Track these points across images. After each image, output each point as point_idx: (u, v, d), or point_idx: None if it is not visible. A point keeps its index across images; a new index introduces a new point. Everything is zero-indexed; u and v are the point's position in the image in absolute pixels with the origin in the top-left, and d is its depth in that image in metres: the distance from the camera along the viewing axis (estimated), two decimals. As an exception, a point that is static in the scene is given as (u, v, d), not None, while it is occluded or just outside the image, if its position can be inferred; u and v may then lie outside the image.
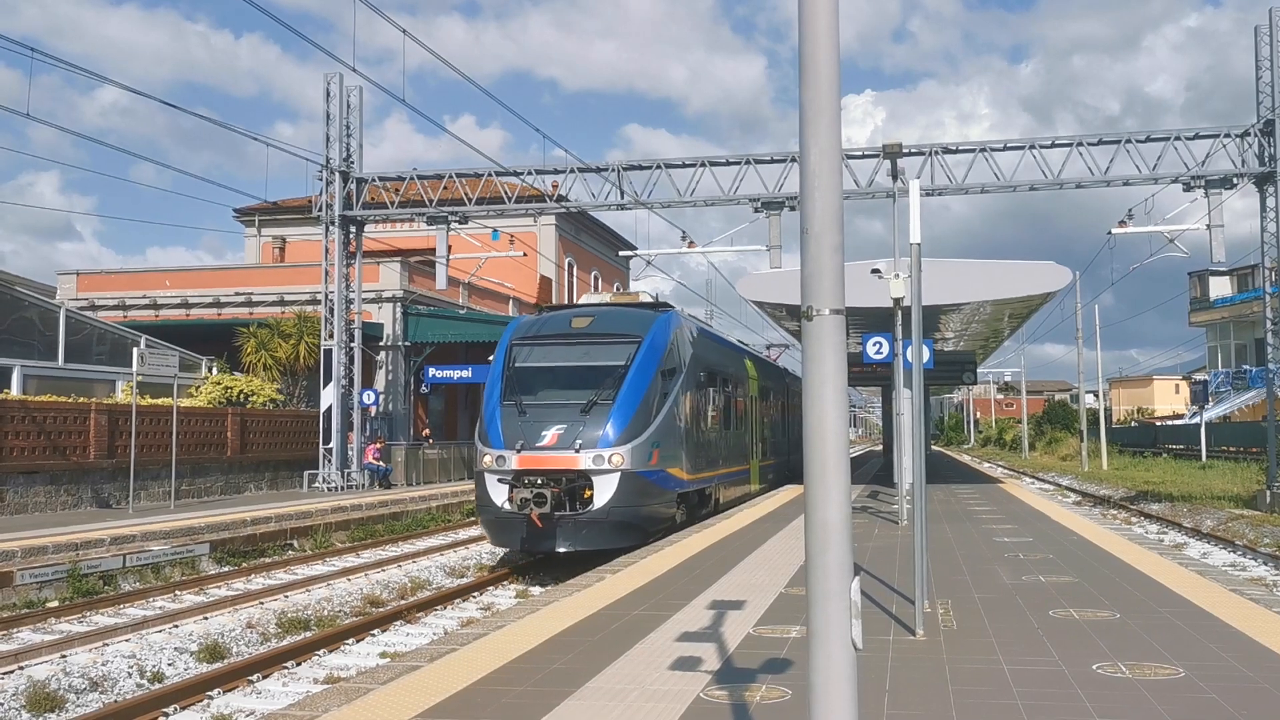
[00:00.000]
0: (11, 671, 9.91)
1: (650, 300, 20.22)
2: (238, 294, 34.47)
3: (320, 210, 28.30)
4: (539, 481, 14.92)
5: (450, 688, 6.33)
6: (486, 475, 15.49)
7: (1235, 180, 24.03)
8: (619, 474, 15.06)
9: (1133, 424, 74.63)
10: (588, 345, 16.74)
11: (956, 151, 25.15)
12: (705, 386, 19.29)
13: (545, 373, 16.65)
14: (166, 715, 8.58)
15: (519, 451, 15.18)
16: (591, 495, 15.05)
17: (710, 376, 19.88)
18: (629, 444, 15.26)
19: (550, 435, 15.21)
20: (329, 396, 28.16)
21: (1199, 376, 64.93)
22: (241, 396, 28.14)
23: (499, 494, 15.30)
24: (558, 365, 16.72)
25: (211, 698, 9.08)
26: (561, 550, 15.03)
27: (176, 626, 12.08)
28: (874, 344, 15.79)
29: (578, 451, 15.03)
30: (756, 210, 25.46)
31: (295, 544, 19.18)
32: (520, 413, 15.68)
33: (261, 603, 13.63)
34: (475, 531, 20.80)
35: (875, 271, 13.95)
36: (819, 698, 3.35)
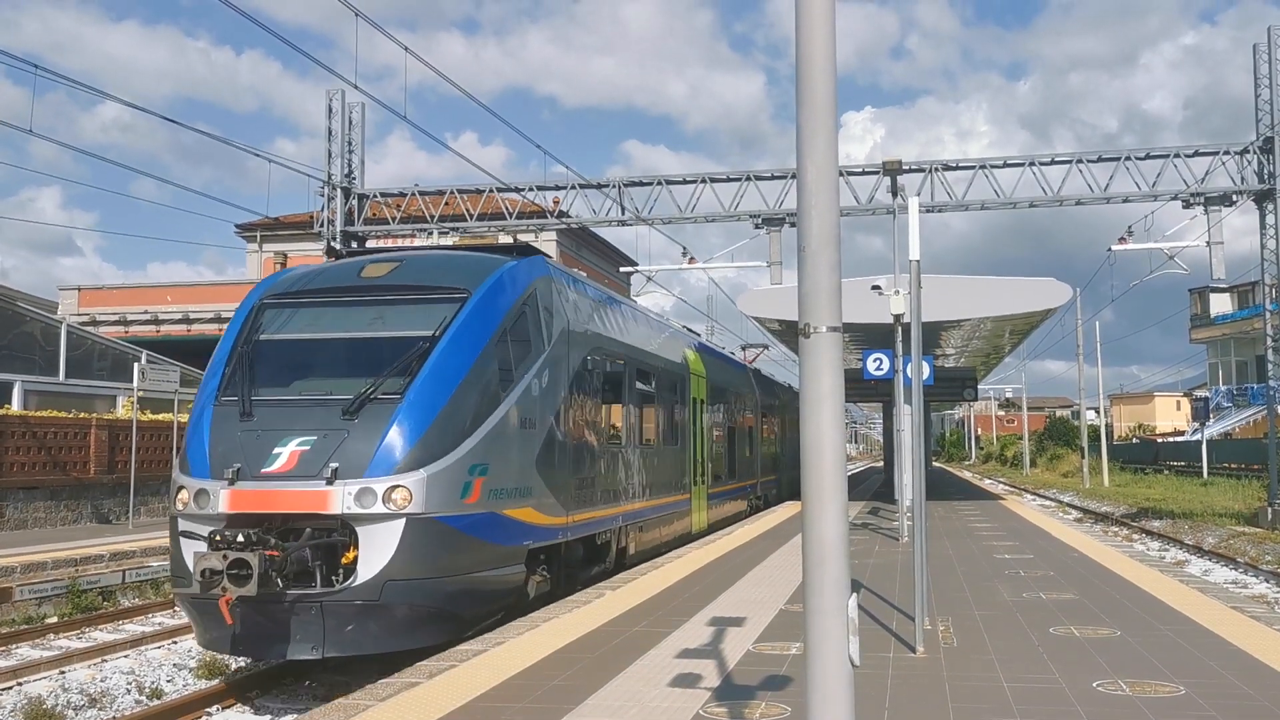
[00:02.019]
0: (10, 688, 9.90)
1: (509, 243, 13.71)
2: (239, 309, 34.55)
3: (322, 226, 28.37)
4: (243, 539, 8.70)
5: (449, 704, 6.32)
6: (181, 522, 9.47)
7: (1235, 197, 24.08)
8: (404, 520, 9.05)
9: (1134, 440, 74.64)
10: (380, 306, 10.67)
11: (956, 168, 25.21)
12: (599, 377, 13.32)
13: (300, 350, 10.61)
14: (165, 732, 8.58)
15: (231, 484, 9.14)
16: (355, 559, 9.03)
17: (609, 363, 13.87)
18: (426, 467, 9.27)
19: (287, 455, 9.22)
20: (329, 412, 28.11)
21: (1200, 393, 65.01)
22: (242, 412, 28.16)
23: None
24: (322, 338, 10.69)
25: (210, 714, 9.07)
26: (301, 658, 9.08)
27: (175, 643, 12.06)
28: (874, 360, 15.82)
29: (331, 483, 8.99)
30: (757, 226, 25.53)
31: (295, 560, 19.15)
32: (244, 416, 9.71)
33: (261, 619, 13.60)
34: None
35: (875, 288, 14.02)
36: (816, 714, 3.35)
